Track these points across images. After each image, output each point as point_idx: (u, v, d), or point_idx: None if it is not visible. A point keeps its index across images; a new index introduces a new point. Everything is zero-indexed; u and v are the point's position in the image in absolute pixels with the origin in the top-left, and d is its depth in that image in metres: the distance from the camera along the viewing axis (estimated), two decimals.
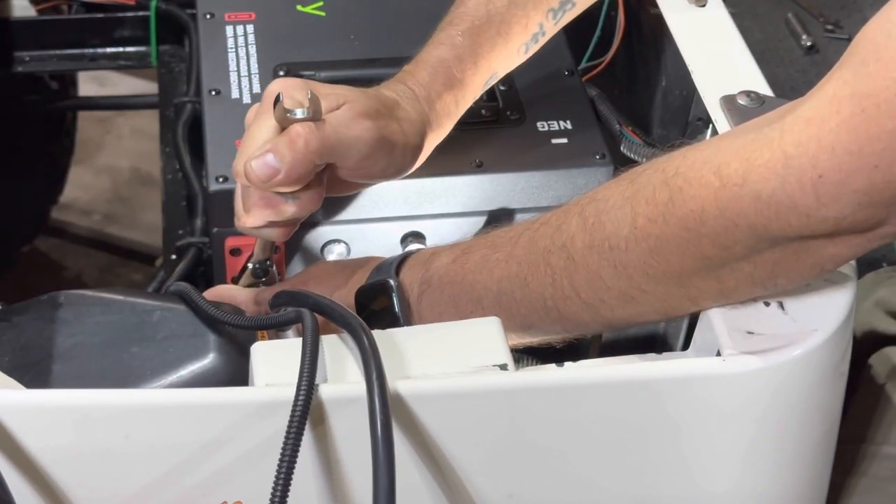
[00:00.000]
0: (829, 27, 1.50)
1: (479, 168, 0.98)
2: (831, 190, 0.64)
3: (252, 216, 0.84)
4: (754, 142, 0.67)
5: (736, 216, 0.67)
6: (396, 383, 0.70)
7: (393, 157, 0.86)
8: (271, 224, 0.84)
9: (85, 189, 2.08)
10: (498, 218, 1.00)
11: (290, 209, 0.83)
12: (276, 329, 0.79)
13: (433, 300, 0.83)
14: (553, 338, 0.82)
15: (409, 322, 0.82)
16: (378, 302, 0.83)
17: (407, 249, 0.89)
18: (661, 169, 0.72)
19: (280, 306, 0.78)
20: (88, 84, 1.86)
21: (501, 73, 0.95)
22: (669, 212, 0.70)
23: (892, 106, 0.61)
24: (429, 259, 0.84)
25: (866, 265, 1.09)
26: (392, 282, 0.83)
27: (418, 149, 0.89)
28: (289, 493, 0.65)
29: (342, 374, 0.71)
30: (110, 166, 2.15)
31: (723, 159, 0.68)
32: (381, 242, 0.99)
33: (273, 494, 0.65)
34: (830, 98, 0.64)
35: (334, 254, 0.99)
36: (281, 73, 1.04)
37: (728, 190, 0.67)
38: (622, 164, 1.00)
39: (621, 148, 1.03)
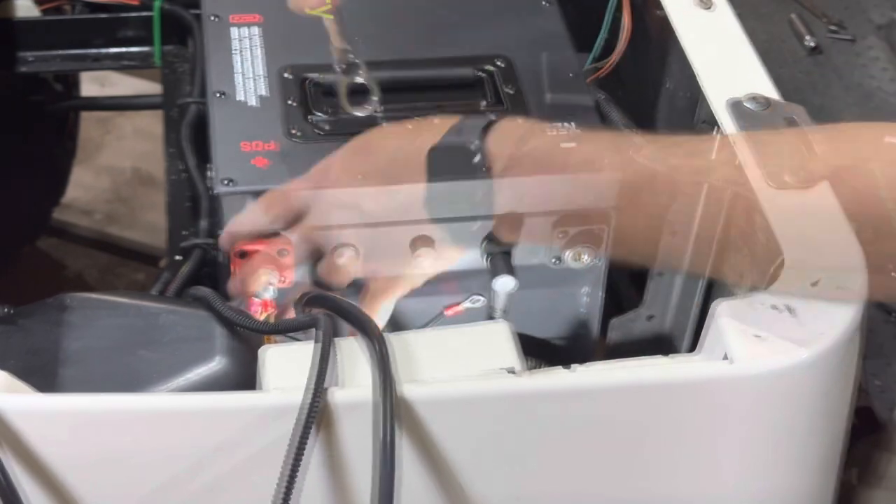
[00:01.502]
0: (833, 28, 1.49)
1: (487, 171, 0.97)
2: None
3: None
4: None
5: None
6: (406, 387, 0.70)
7: None
8: None
9: (85, 189, 2.08)
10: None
11: None
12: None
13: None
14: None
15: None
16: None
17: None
18: None
19: (305, 304, 0.78)
20: (89, 84, 1.86)
21: None
22: None
23: None
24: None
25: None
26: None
27: None
28: (290, 497, 0.65)
29: (355, 379, 0.71)
30: (111, 166, 2.15)
31: None
32: (389, 246, 0.99)
33: (275, 499, 0.65)
34: None
35: (343, 258, 0.99)
36: (286, 75, 1.04)
37: None
38: None
39: None
